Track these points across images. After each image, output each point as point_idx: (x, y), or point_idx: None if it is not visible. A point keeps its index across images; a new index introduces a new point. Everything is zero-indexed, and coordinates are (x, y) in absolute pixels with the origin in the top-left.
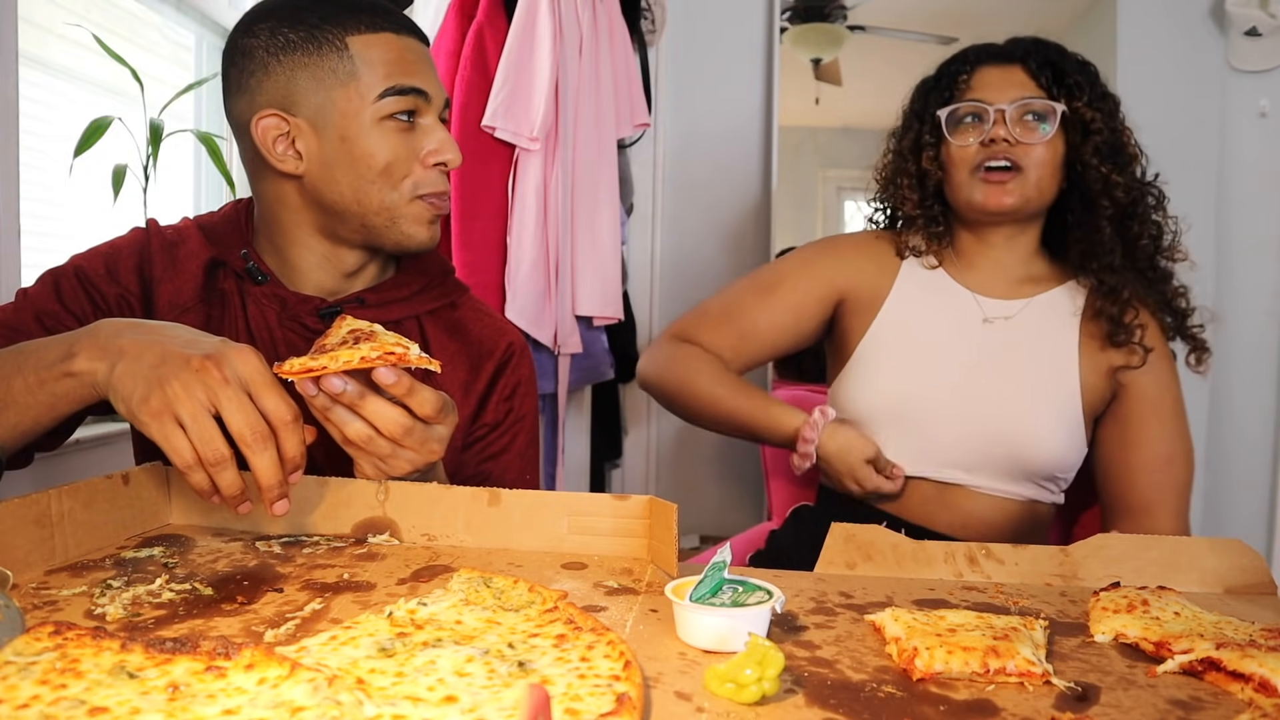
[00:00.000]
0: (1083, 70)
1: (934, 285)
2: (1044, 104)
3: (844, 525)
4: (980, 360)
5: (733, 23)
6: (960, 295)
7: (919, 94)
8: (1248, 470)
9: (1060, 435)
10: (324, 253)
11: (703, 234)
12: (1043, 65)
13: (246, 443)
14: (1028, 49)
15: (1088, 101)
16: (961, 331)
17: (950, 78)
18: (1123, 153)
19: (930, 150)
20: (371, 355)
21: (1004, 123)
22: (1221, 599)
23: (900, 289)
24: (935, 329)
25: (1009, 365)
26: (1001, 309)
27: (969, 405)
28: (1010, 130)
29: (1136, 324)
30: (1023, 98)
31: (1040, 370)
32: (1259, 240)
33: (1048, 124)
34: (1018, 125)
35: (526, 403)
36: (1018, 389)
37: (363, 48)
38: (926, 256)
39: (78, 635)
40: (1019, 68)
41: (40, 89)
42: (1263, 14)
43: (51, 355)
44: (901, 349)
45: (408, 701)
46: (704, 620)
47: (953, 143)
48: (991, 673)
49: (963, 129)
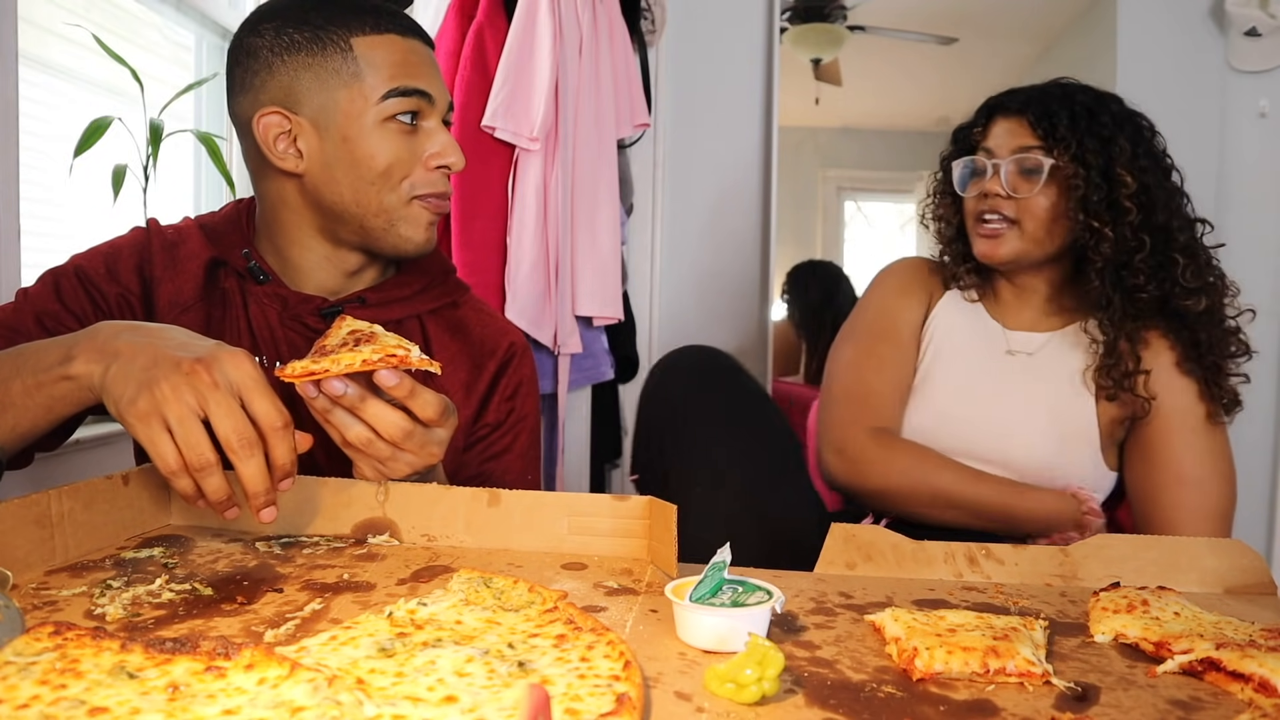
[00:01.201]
0: (1083, 119)
1: (970, 316)
2: (1034, 158)
3: (844, 525)
4: (995, 389)
5: (733, 23)
6: (990, 327)
7: (952, 140)
8: (1248, 470)
9: (1074, 466)
10: (324, 253)
11: (703, 234)
12: (1041, 116)
13: (233, 449)
14: (1033, 100)
15: (1075, 155)
16: (985, 363)
17: (970, 128)
18: (1116, 206)
19: (948, 198)
20: (373, 358)
21: (999, 176)
22: (1221, 599)
23: (942, 318)
24: (964, 360)
25: (1026, 397)
26: (1026, 342)
27: (987, 438)
28: (1005, 184)
29: (1137, 372)
30: (1017, 151)
31: (1057, 402)
32: (1259, 240)
33: (1038, 177)
34: (1014, 178)
35: (528, 403)
36: (1032, 421)
37: (367, 49)
38: (969, 291)
39: (78, 635)
40: (1023, 119)
41: (40, 89)
42: (1263, 14)
43: (50, 358)
44: (942, 377)
45: (408, 701)
46: (704, 620)
47: (961, 194)
48: (991, 673)
49: (971, 182)
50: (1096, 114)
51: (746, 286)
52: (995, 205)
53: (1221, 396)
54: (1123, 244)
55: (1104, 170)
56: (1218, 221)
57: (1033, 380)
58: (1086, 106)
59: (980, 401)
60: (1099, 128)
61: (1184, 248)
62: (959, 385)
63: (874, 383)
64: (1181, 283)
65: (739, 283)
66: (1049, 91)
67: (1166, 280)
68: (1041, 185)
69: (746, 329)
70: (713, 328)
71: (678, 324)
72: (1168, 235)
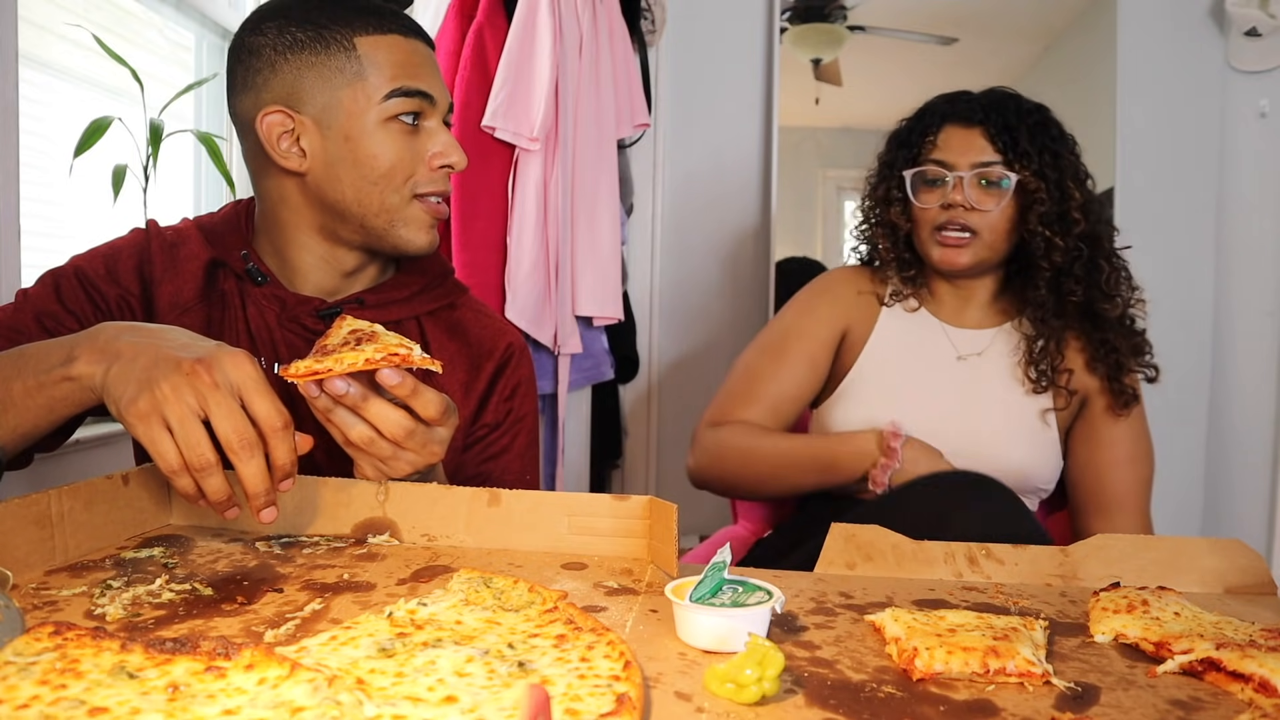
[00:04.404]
0: (1038, 133)
1: (913, 323)
2: (999, 172)
3: (844, 525)
4: (955, 396)
5: (733, 23)
6: (935, 331)
7: (890, 145)
8: (1248, 470)
9: (1038, 456)
10: (323, 253)
11: (703, 234)
12: (1001, 129)
13: (233, 449)
14: (988, 111)
15: (1036, 170)
16: (936, 369)
17: (919, 134)
18: (1066, 218)
19: (898, 205)
20: (376, 357)
21: (962, 188)
22: (1221, 599)
23: (884, 324)
24: (913, 367)
25: (983, 398)
26: (973, 343)
27: (946, 441)
28: (967, 196)
29: (1063, 369)
30: (980, 164)
31: (1012, 398)
32: (1259, 240)
33: (1002, 191)
34: (975, 190)
35: (526, 403)
36: (991, 420)
37: (370, 48)
38: (908, 300)
39: (78, 635)
40: (979, 130)
41: (40, 89)
42: (1263, 14)
43: (52, 359)
44: (882, 384)
45: (408, 702)
46: (704, 620)
47: (916, 203)
48: (991, 673)
49: (925, 190)
50: (1046, 127)
51: (746, 287)
52: (957, 216)
53: (1122, 391)
54: (1069, 252)
55: (1058, 183)
56: (1218, 221)
57: (986, 380)
58: (1037, 120)
59: (936, 405)
60: (1050, 142)
61: (1108, 255)
62: (912, 391)
63: (762, 384)
64: (1103, 288)
65: (739, 283)
66: (1001, 103)
67: (1093, 286)
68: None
69: (746, 329)
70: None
71: (678, 324)
72: (1097, 242)
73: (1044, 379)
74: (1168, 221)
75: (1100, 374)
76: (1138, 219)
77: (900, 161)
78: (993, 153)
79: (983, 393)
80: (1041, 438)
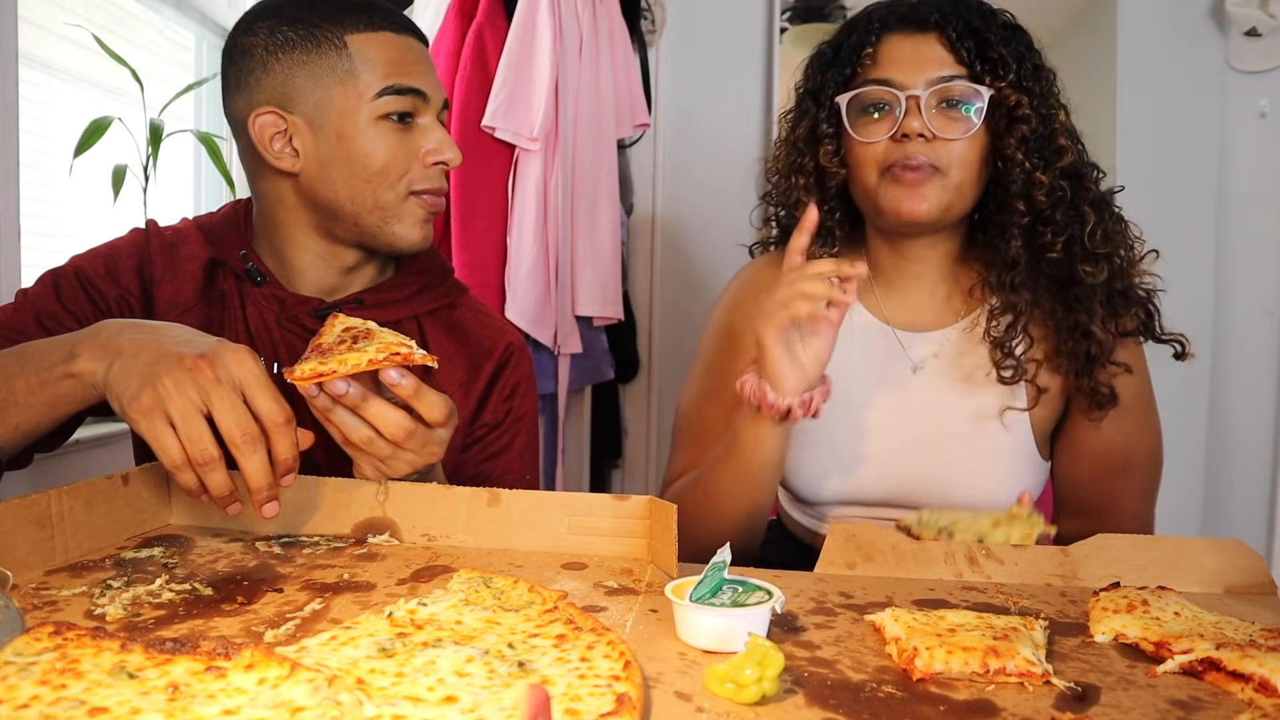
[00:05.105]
0: (1012, 38)
1: (849, 326)
2: (966, 87)
3: (844, 525)
4: (915, 415)
5: (733, 23)
6: (881, 336)
7: (813, 69)
8: (1248, 470)
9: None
10: (320, 252)
11: (703, 234)
12: (964, 34)
13: (236, 444)
14: (945, 11)
15: (1015, 81)
16: (889, 386)
17: (852, 50)
18: (1051, 144)
19: (830, 144)
20: (379, 358)
21: (918, 112)
22: (1221, 599)
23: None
24: (860, 385)
25: (945, 412)
26: (927, 346)
27: (907, 463)
28: (927, 122)
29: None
30: (941, 79)
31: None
32: (1259, 240)
33: (973, 112)
34: (935, 114)
35: (526, 403)
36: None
37: (362, 46)
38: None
39: (78, 635)
40: (935, 36)
41: (40, 89)
42: (1263, 14)
43: (54, 356)
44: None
45: (408, 702)
46: (704, 620)
47: (856, 137)
48: (991, 673)
49: (868, 120)
50: (1019, 32)
51: None
52: (919, 149)
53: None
54: (1052, 191)
55: (1044, 100)
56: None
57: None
58: (1008, 22)
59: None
60: (1026, 50)
61: (1093, 201)
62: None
63: (695, 429)
64: (1086, 244)
65: None
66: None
67: (1074, 241)
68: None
69: None
70: None
71: (678, 324)
72: (1081, 183)
73: (1012, 370)
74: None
75: (1064, 370)
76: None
77: (831, 87)
78: (955, 64)
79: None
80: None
